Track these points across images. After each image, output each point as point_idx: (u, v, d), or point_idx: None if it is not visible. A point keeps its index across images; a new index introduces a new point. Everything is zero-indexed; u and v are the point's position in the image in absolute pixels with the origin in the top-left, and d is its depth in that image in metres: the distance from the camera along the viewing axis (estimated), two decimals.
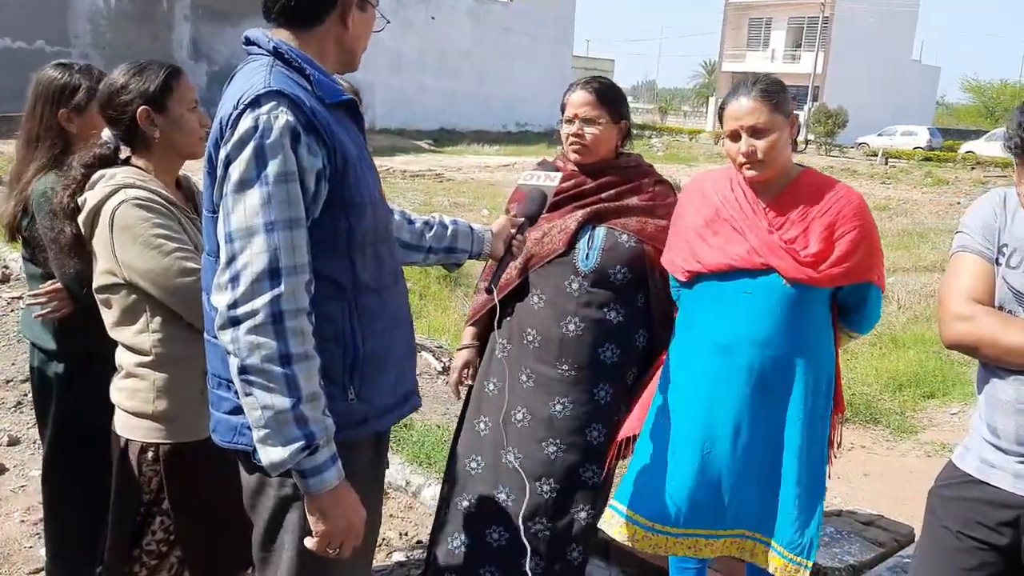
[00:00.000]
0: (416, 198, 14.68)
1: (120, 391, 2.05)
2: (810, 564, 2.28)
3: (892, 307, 7.99)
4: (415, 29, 30.06)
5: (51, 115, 2.36)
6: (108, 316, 2.03)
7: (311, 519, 1.56)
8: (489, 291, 2.19)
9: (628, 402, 2.55)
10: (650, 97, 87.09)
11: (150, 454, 2.01)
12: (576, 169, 2.54)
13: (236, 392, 1.53)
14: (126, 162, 2.09)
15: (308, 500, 1.54)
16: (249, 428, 1.54)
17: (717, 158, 27.46)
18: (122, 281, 1.96)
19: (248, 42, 1.66)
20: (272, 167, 1.47)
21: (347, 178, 1.58)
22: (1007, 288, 1.79)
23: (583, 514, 2.52)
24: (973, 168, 29.01)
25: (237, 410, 1.60)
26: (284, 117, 1.49)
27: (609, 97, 2.50)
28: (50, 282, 2.31)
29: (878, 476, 4.30)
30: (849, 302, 2.34)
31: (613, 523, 2.46)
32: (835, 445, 2.44)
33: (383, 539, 3.35)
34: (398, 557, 3.23)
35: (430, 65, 30.65)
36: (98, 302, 2.04)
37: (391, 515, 3.54)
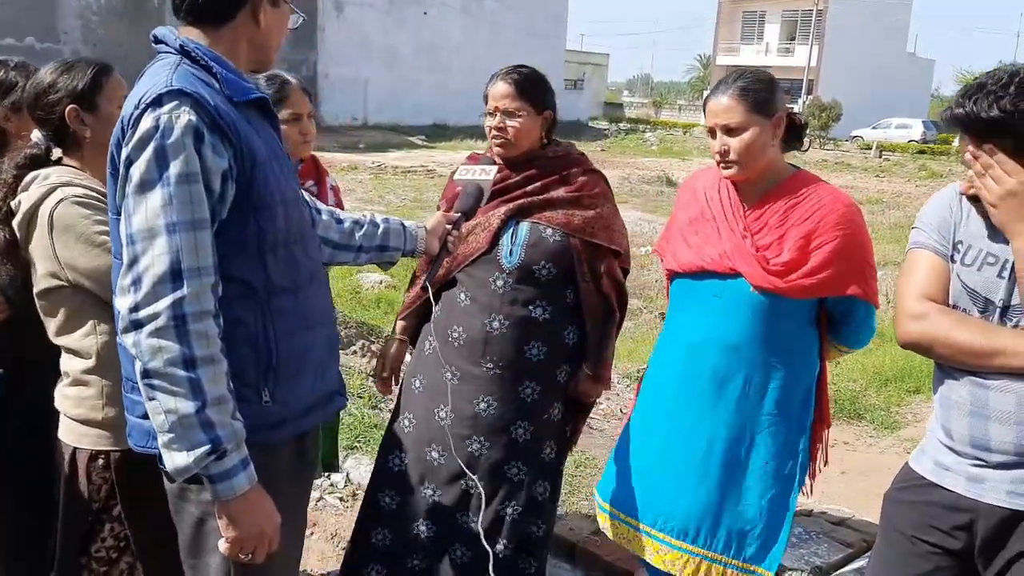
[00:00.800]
0: (407, 194, 14.66)
1: (67, 399, 1.99)
2: (768, 574, 2.24)
3: (880, 301, 7.90)
4: (407, 25, 30.02)
5: None
6: (51, 323, 1.97)
7: (221, 524, 1.53)
8: (424, 288, 2.15)
9: (560, 400, 2.53)
10: (645, 91, 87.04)
11: (100, 461, 1.96)
12: (501, 164, 2.49)
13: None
14: (58, 162, 2.04)
15: (218, 505, 1.51)
16: None
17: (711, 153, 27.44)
18: (65, 283, 1.90)
19: (156, 40, 1.62)
20: (174, 167, 1.44)
21: (255, 179, 1.54)
22: (961, 286, 1.74)
23: (509, 510, 2.50)
24: None
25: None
26: (186, 116, 1.46)
27: (530, 88, 2.43)
28: None
29: (855, 474, 4.25)
30: (835, 313, 2.27)
31: (605, 524, 2.50)
32: (816, 459, 2.38)
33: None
34: None
35: (423, 60, 30.60)
36: (39, 309, 1.97)
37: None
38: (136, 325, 1.43)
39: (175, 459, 1.45)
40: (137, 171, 1.45)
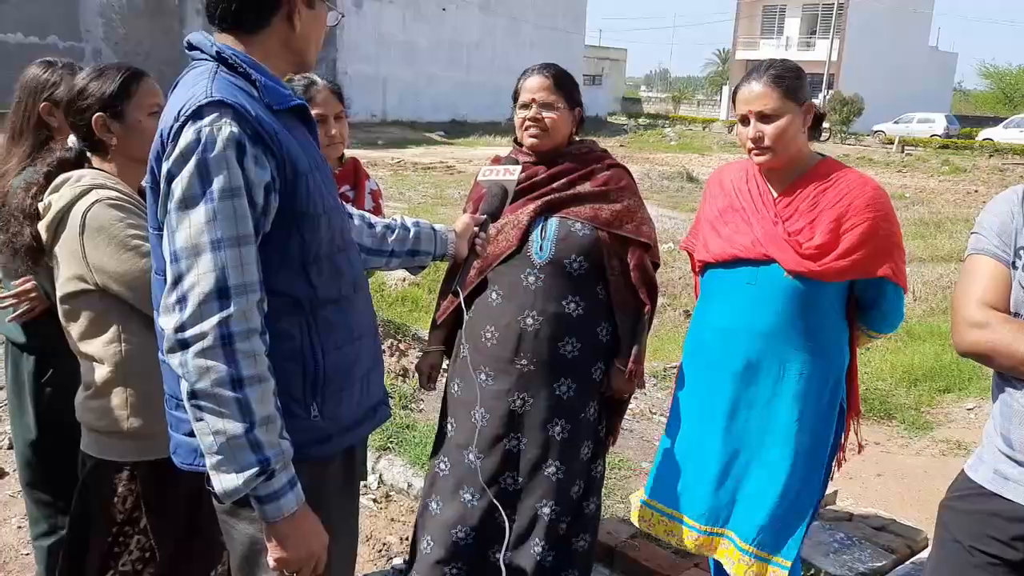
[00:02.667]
0: (427, 191, 14.64)
1: (89, 411, 1.96)
2: (787, 563, 2.23)
3: (908, 299, 7.84)
4: (427, 21, 30.00)
5: (33, 109, 2.37)
6: (73, 328, 1.94)
7: (269, 545, 1.50)
8: (455, 293, 2.14)
9: (595, 399, 2.52)
10: (664, 86, 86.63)
11: (125, 473, 1.94)
12: (528, 160, 2.50)
13: None
14: (88, 166, 2.03)
15: (266, 527, 1.48)
16: None
17: (731, 147, 27.26)
18: (92, 287, 1.88)
19: (191, 47, 1.57)
20: (217, 182, 1.40)
21: (298, 189, 1.50)
22: None
23: (547, 510, 2.49)
24: (991, 156, 28.67)
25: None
26: (228, 128, 1.41)
27: (565, 83, 2.48)
28: (20, 280, 2.27)
29: (891, 476, 4.20)
30: (865, 298, 2.29)
31: (633, 509, 2.54)
32: (845, 448, 2.41)
33: (383, 544, 3.30)
34: (399, 563, 3.17)
35: (441, 56, 30.60)
36: (60, 314, 1.96)
37: (392, 519, 3.48)
38: (183, 345, 1.39)
39: (224, 481, 1.42)
40: (179, 186, 1.40)
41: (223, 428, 1.39)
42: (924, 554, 2.98)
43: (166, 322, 1.41)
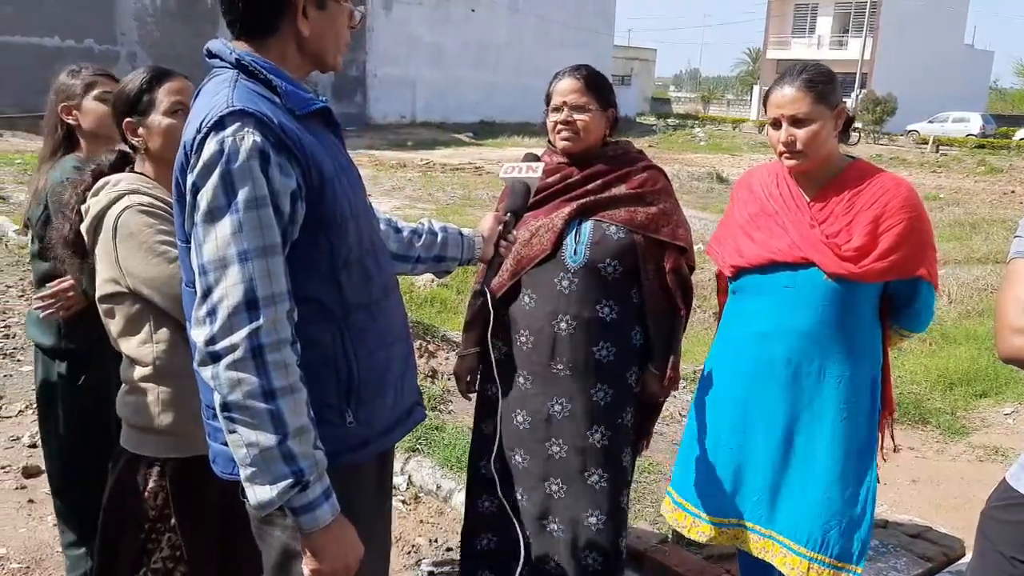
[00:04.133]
0: (456, 192, 14.67)
1: (126, 406, 2.00)
2: (858, 570, 2.20)
3: (943, 301, 7.75)
4: (455, 22, 30.09)
5: (53, 110, 2.46)
6: (112, 327, 1.98)
7: (304, 557, 1.49)
8: (481, 292, 2.13)
9: (631, 404, 2.50)
10: (693, 86, 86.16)
11: (156, 469, 1.97)
12: (563, 162, 2.48)
13: None
14: (131, 170, 2.06)
15: (301, 537, 1.48)
16: None
17: (761, 147, 27.02)
18: (125, 290, 1.91)
19: (210, 54, 1.56)
20: (242, 193, 1.38)
21: (325, 195, 1.49)
22: None
23: (593, 519, 2.47)
24: None
25: None
26: (251, 138, 1.40)
27: (597, 84, 2.45)
28: (56, 281, 2.30)
29: (927, 482, 4.13)
30: (898, 298, 2.29)
31: (669, 511, 2.52)
32: (883, 447, 2.40)
33: (412, 546, 3.30)
34: (427, 565, 3.17)
35: (470, 58, 30.67)
36: (101, 313, 1.99)
37: (421, 521, 3.48)
38: (214, 358, 1.39)
39: (258, 493, 1.41)
40: (204, 199, 1.40)
41: (256, 440, 1.39)
42: (962, 562, 2.92)
43: (197, 335, 1.41)
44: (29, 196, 2.51)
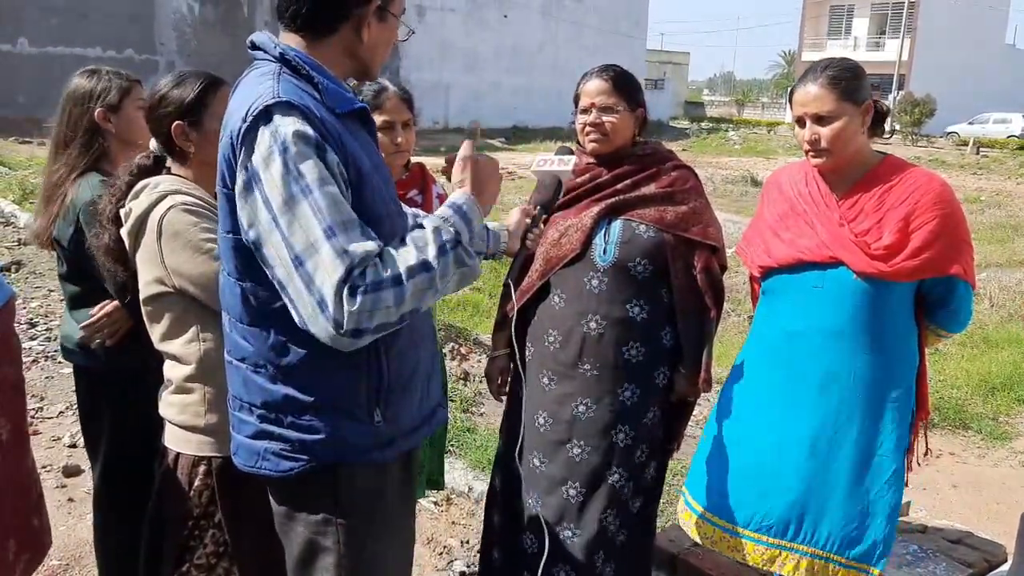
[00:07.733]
0: None
1: (170, 405, 2.02)
2: (875, 571, 2.16)
3: (984, 305, 7.59)
4: (488, 28, 30.22)
5: (80, 117, 2.38)
6: (155, 329, 2.00)
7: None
8: (507, 285, 2.10)
9: (657, 404, 2.47)
10: (727, 89, 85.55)
11: (202, 467, 1.98)
12: (592, 162, 2.46)
13: (257, 416, 1.50)
14: (168, 172, 2.08)
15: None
16: (272, 454, 1.50)
17: (796, 151, 26.70)
18: (171, 290, 1.93)
19: (254, 46, 1.58)
20: (308, 176, 1.39)
21: (361, 193, 1.50)
22: None
23: (613, 521, 2.44)
24: None
25: (259, 434, 1.57)
26: (301, 127, 1.41)
27: (625, 85, 2.43)
28: (100, 305, 2.28)
29: (968, 487, 4.05)
30: (933, 297, 2.24)
31: (689, 523, 2.45)
32: (914, 452, 2.34)
33: (444, 547, 3.31)
34: (459, 566, 3.18)
35: (503, 63, 30.78)
36: (144, 315, 2.01)
37: (453, 522, 3.49)
38: (355, 335, 1.37)
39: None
40: (274, 193, 1.39)
41: (439, 286, 1.46)
42: (1003, 568, 2.85)
43: (318, 330, 1.38)
44: (41, 205, 2.41)
